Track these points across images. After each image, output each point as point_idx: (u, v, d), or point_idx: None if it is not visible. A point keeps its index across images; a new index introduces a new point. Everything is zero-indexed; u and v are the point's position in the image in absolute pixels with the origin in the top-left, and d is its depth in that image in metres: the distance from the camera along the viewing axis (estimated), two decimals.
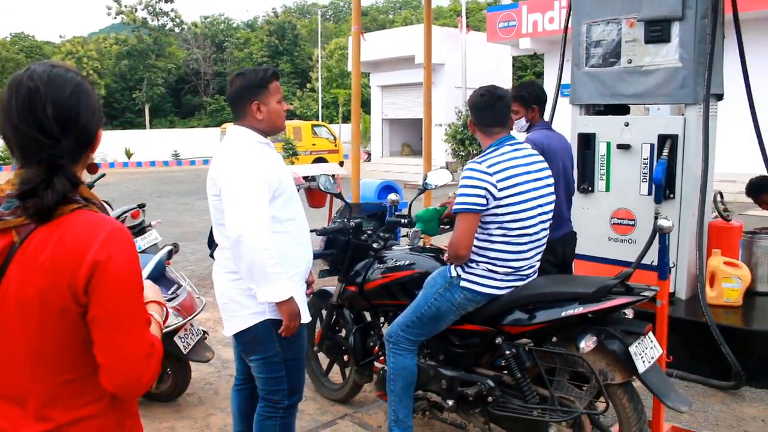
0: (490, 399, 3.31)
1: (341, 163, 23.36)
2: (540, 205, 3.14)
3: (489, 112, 3.21)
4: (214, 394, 4.58)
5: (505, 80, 25.33)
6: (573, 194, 4.46)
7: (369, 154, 29.20)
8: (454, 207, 3.10)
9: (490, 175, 3.02)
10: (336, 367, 4.46)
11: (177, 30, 54.73)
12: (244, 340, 2.94)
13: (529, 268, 3.21)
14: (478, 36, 25.19)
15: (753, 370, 4.38)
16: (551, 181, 3.29)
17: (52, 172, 1.40)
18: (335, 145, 26.66)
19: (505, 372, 3.32)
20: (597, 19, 5.27)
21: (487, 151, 3.17)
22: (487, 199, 3.01)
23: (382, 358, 3.98)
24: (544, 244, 3.26)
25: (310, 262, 3.10)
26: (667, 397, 2.99)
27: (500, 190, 3.01)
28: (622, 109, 5.34)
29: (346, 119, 37.85)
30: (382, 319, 4.06)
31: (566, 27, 5.79)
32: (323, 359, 4.52)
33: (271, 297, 2.75)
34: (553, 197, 3.28)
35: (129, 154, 33.19)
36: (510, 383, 3.30)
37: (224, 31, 60.93)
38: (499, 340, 3.25)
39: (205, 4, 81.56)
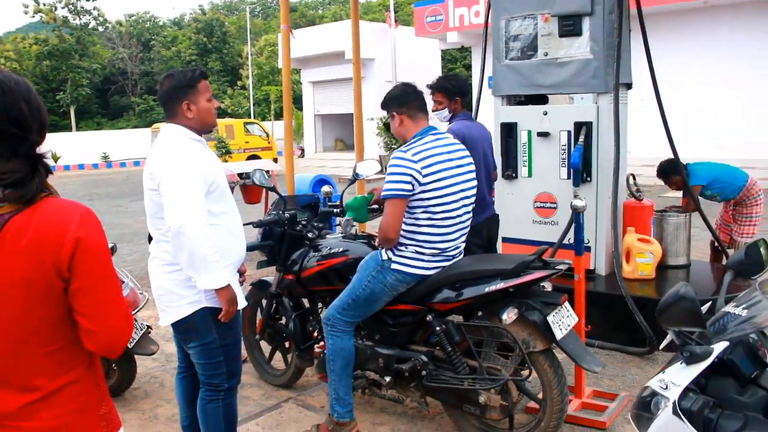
0: (424, 373, 3.54)
1: (275, 160, 23.32)
2: (462, 190, 3.39)
3: (414, 98, 3.50)
4: (160, 387, 4.68)
5: (434, 73, 25.58)
6: (495, 180, 4.74)
7: (302, 150, 29.22)
8: (383, 193, 3.31)
9: (415, 162, 3.25)
10: (278, 354, 4.63)
11: (101, 29, 53.25)
12: (182, 328, 3.08)
13: (454, 249, 3.45)
14: (406, 30, 25.53)
15: (664, 336, 4.73)
16: (472, 167, 3.54)
17: (35, 163, 1.55)
18: (268, 142, 26.57)
19: (437, 347, 3.56)
20: (515, 15, 5.56)
21: (412, 140, 3.40)
22: (413, 185, 3.24)
23: (321, 342, 4.17)
24: (467, 227, 3.52)
25: (244, 253, 3.26)
26: (582, 360, 3.30)
27: (425, 176, 3.25)
28: (541, 99, 5.66)
29: (279, 116, 37.69)
30: (319, 305, 4.25)
31: (486, 22, 6.07)
32: (265, 347, 4.68)
33: (212, 284, 2.90)
34: (474, 182, 3.53)
35: (56, 158, 32.15)
36: (442, 357, 3.54)
37: (150, 29, 59.69)
38: (430, 317, 3.50)
39: (129, 2, 79.54)
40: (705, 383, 1.84)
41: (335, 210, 4.23)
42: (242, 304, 3.12)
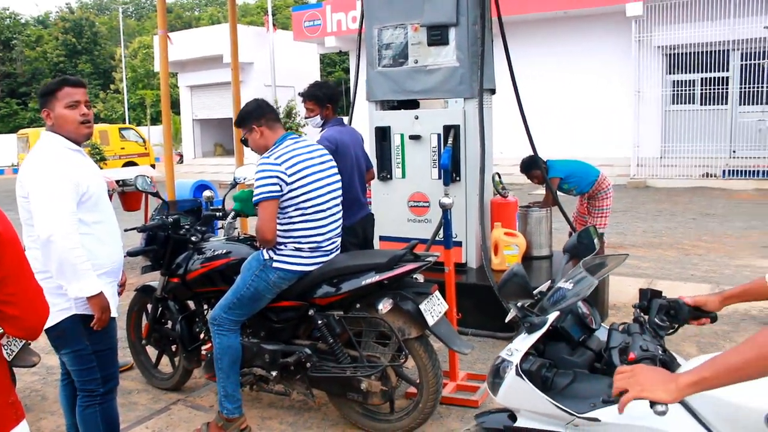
0: (308, 365, 3.75)
1: (153, 166, 22.74)
2: (328, 184, 3.66)
3: (269, 110, 3.75)
4: (42, 400, 4.61)
5: (313, 77, 25.87)
6: (371, 180, 5.03)
7: (181, 156, 28.59)
8: (254, 199, 3.51)
9: (279, 165, 3.50)
10: (165, 358, 4.68)
11: None
12: (53, 335, 3.11)
13: (330, 243, 3.70)
14: (285, 34, 25.58)
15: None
16: (333, 164, 3.81)
17: None
18: (145, 148, 25.85)
19: (320, 340, 3.77)
20: (386, 24, 5.87)
21: (273, 148, 3.64)
22: (281, 186, 3.48)
23: (208, 343, 4.28)
24: (339, 220, 3.77)
25: (119, 261, 3.31)
26: (453, 343, 3.62)
27: (290, 176, 3.49)
28: (413, 104, 5.99)
29: (155, 121, 36.64)
30: (205, 306, 4.35)
31: (360, 31, 6.35)
32: (152, 352, 4.73)
33: (81, 292, 2.96)
34: (337, 177, 3.79)
35: None
36: (325, 349, 3.76)
37: (11, 27, 56.09)
38: (312, 312, 3.70)
39: None
40: (543, 348, 2.16)
41: (218, 213, 4.36)
42: (114, 312, 3.18)
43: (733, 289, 2.16)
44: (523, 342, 2.11)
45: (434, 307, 3.58)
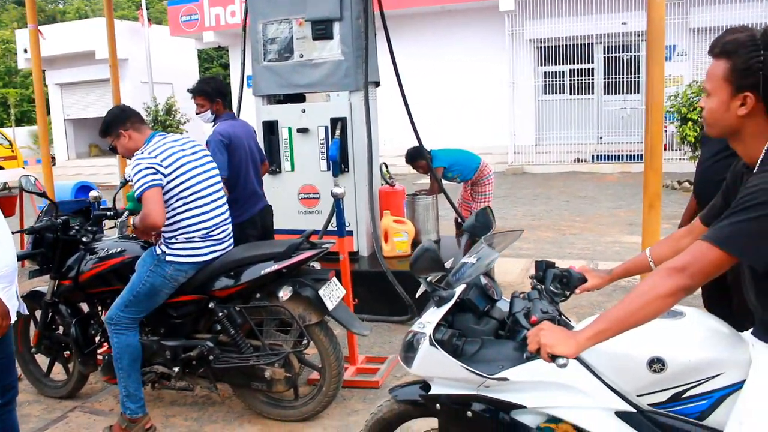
0: (211, 358, 3.78)
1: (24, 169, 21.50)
2: (204, 172, 3.74)
3: (132, 113, 3.82)
4: None
5: (191, 73, 25.32)
6: (266, 173, 5.11)
7: (53, 158, 27.16)
8: (137, 192, 3.52)
9: (154, 158, 3.56)
10: (58, 366, 4.54)
11: None
12: None
13: (221, 231, 3.77)
14: (161, 29, 24.80)
15: (420, 303, 5.42)
16: (206, 153, 3.88)
17: None
18: (12, 151, 24.34)
19: (222, 332, 3.82)
20: (271, 19, 5.92)
21: (143, 147, 3.68)
22: (161, 174, 3.53)
23: (104, 345, 4.22)
24: (224, 206, 3.84)
25: (11, 266, 3.19)
26: (352, 326, 3.78)
27: (166, 167, 3.55)
28: (299, 98, 6.09)
29: (20, 122, 34.57)
30: (99, 308, 4.28)
31: (244, 26, 6.37)
32: (42, 361, 4.57)
33: None
34: (213, 166, 3.86)
35: None
36: (227, 341, 3.81)
37: None
38: (212, 304, 3.75)
39: None
40: (452, 319, 2.35)
41: (108, 213, 4.29)
42: (13, 318, 3.10)
43: (617, 267, 2.43)
44: (433, 315, 2.28)
45: (332, 293, 3.72)
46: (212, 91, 4.83)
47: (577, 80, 17.25)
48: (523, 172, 16.78)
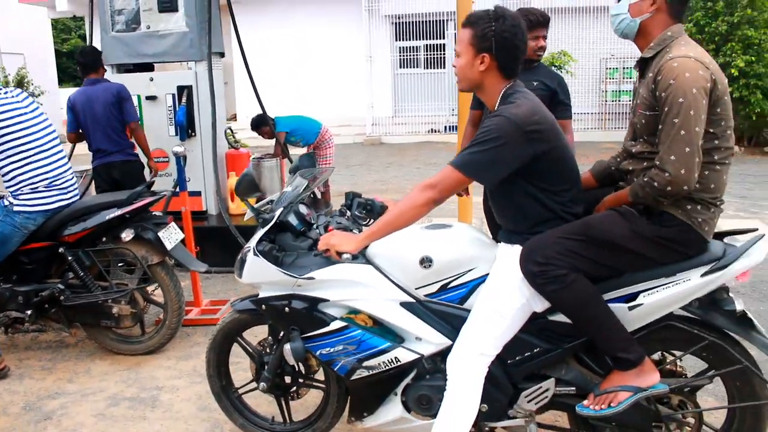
0: (62, 299, 4.16)
1: None
2: (40, 126, 4.07)
3: None
4: None
5: (46, 43, 24.20)
6: (134, 132, 5.57)
7: None
8: None
9: None
10: None
11: None
12: None
13: (64, 181, 4.14)
14: None
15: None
16: (40, 110, 4.20)
17: None
18: None
19: (72, 275, 4.22)
20: None
21: None
22: None
23: None
24: (64, 159, 4.20)
25: None
26: (190, 264, 4.31)
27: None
28: (148, 67, 6.43)
29: None
30: None
31: None
32: None
33: None
34: (48, 122, 4.19)
35: None
36: (77, 283, 4.20)
37: None
38: (61, 249, 4.13)
39: None
40: (274, 238, 2.90)
41: None
42: None
43: None
44: (258, 234, 2.85)
45: (171, 236, 4.22)
46: (79, 62, 5.47)
47: (431, 55, 18.20)
48: (380, 143, 17.57)
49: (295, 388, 3.13)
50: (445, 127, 17.74)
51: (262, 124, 7.05)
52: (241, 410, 3.29)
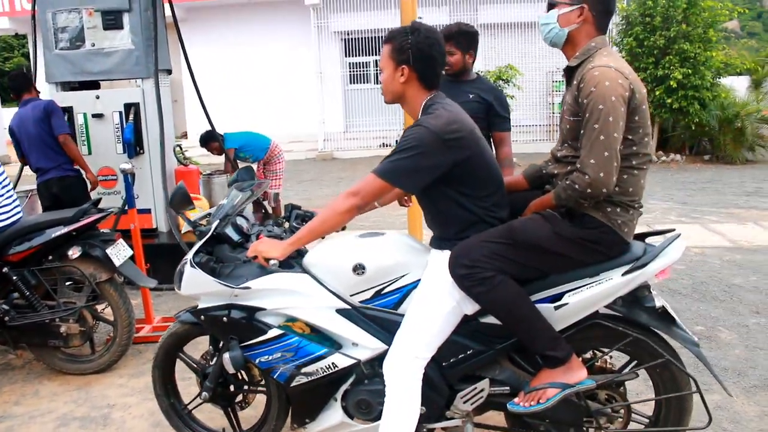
0: (6, 319, 4.13)
1: None
2: None
3: None
4: None
5: None
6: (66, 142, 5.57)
7: None
8: None
9: None
10: None
11: None
12: None
13: (9, 202, 4.15)
14: None
15: None
16: None
17: None
18: None
19: (17, 295, 4.19)
20: (60, 8, 6.17)
21: None
22: None
23: None
24: (6, 179, 4.21)
25: None
26: (139, 280, 4.33)
27: None
28: (94, 85, 6.41)
29: None
30: None
31: (33, 14, 6.55)
32: None
33: None
34: None
35: None
36: (23, 303, 4.18)
37: None
38: (5, 269, 4.11)
39: None
40: (212, 250, 2.96)
41: None
42: None
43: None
44: (196, 246, 2.90)
45: (120, 252, 4.24)
46: (10, 86, 5.64)
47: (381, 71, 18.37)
48: (332, 158, 17.66)
49: (240, 397, 3.18)
50: (396, 141, 17.82)
51: (210, 139, 7.10)
52: (192, 426, 3.32)
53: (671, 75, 13.04)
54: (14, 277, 4.10)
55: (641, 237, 2.66)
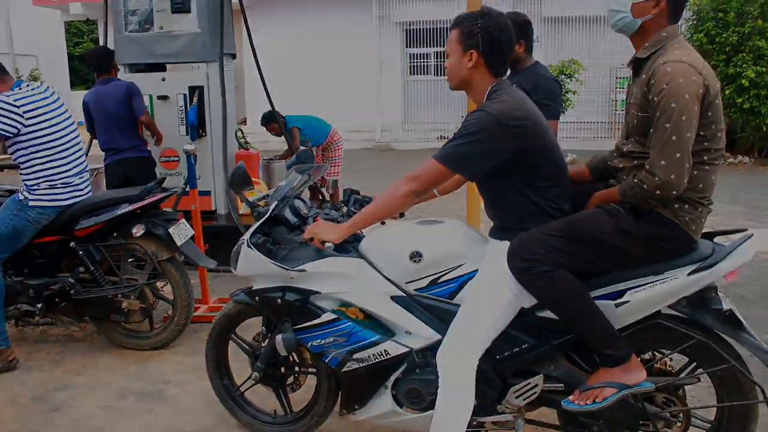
0: (72, 292, 4.25)
1: None
2: (66, 127, 4.18)
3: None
4: None
5: (58, 46, 24.49)
6: (145, 125, 5.72)
7: None
8: None
9: (18, 107, 3.97)
10: None
11: None
12: None
13: (81, 180, 4.25)
14: None
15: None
16: (65, 107, 4.29)
17: None
18: None
19: (82, 270, 4.31)
20: None
21: (11, 91, 4.07)
22: (18, 128, 3.96)
23: None
24: (82, 158, 4.30)
25: None
26: (199, 260, 4.41)
27: (28, 119, 3.99)
28: (160, 67, 6.54)
29: None
30: None
31: None
32: None
33: None
34: (71, 120, 4.29)
35: None
36: (87, 277, 4.31)
37: None
38: (72, 244, 4.24)
39: None
40: (269, 231, 2.98)
41: None
42: None
43: None
44: (254, 227, 2.92)
45: (182, 232, 4.32)
46: (91, 63, 5.77)
47: (441, 62, 18.28)
48: (390, 149, 17.66)
49: (291, 379, 3.20)
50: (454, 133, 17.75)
51: (272, 120, 7.16)
52: (244, 407, 3.37)
53: (744, 73, 12.55)
54: (80, 252, 4.22)
55: (709, 236, 2.56)
